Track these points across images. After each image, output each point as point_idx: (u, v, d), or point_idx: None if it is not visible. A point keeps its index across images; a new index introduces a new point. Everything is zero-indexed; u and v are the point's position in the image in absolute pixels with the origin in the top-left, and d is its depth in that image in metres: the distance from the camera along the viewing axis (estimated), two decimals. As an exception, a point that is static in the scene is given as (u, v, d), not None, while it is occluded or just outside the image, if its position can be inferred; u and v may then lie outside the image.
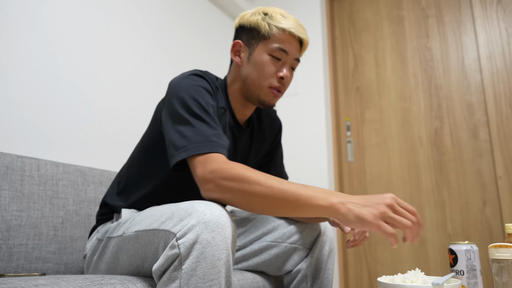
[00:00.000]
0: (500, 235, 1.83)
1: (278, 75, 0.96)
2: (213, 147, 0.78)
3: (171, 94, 0.88)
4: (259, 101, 0.98)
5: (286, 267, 1.05)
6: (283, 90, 1.00)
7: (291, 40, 0.97)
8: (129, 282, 0.71)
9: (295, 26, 0.96)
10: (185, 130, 0.80)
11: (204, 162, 0.76)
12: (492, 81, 1.98)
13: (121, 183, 1.01)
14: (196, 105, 0.84)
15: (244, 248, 1.07)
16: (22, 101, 1.31)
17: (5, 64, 1.28)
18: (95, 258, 0.92)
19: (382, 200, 0.70)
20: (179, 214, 0.68)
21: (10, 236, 1.06)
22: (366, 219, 0.68)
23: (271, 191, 0.72)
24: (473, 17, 2.09)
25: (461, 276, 0.87)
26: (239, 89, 1.01)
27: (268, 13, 0.97)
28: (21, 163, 1.13)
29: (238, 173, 0.73)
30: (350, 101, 2.37)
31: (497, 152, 1.90)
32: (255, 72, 0.96)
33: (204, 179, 0.75)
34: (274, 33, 0.95)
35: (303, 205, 0.72)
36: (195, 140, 0.78)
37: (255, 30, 0.97)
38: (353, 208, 0.70)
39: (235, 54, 1.01)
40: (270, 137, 1.17)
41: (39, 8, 1.41)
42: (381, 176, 2.18)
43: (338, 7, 2.53)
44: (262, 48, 0.96)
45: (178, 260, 0.63)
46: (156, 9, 1.97)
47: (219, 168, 0.74)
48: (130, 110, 1.73)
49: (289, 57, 0.97)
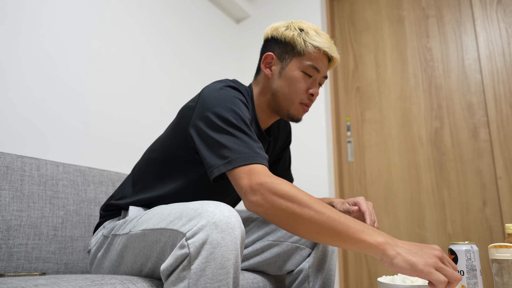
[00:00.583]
0: (500, 235, 1.83)
1: (309, 92, 0.99)
2: (258, 158, 0.78)
3: (206, 106, 0.86)
4: (289, 115, 1.01)
5: (288, 267, 1.05)
6: (310, 106, 1.03)
7: (323, 59, 0.99)
8: (130, 282, 0.71)
9: (328, 45, 0.98)
10: (228, 141, 0.79)
11: (250, 173, 0.75)
12: (492, 81, 1.98)
13: (138, 184, 0.98)
14: (235, 117, 0.83)
15: (246, 248, 1.07)
16: (22, 102, 1.31)
17: (5, 64, 1.28)
18: (99, 254, 0.92)
19: (432, 251, 0.68)
20: (188, 214, 0.68)
21: (10, 236, 1.06)
22: (417, 265, 0.66)
23: (320, 217, 0.71)
24: (473, 17, 2.09)
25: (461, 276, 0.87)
26: (267, 100, 1.02)
27: (304, 29, 0.98)
28: (21, 163, 1.13)
29: (289, 191, 0.72)
30: (350, 101, 2.37)
31: (497, 152, 1.90)
32: (287, 87, 0.98)
33: (251, 190, 0.74)
34: (310, 50, 0.97)
35: (350, 238, 0.70)
36: (240, 151, 0.77)
37: (289, 45, 0.99)
38: (402, 253, 0.68)
39: (266, 66, 1.02)
40: (282, 140, 1.19)
41: (39, 8, 1.41)
42: (381, 176, 2.18)
43: (338, 7, 2.53)
44: (295, 64, 0.98)
45: (187, 260, 0.63)
46: (156, 10, 1.97)
47: (269, 181, 0.73)
48: (130, 110, 1.73)
49: (319, 75, 1.00)
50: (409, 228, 2.05)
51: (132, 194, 0.97)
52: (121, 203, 0.97)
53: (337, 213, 0.72)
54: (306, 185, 2.19)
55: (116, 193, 1.02)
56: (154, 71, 1.89)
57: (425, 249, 0.68)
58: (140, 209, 0.93)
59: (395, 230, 2.08)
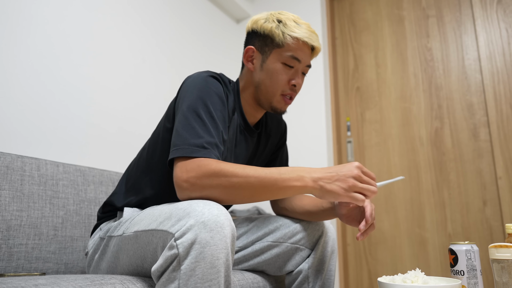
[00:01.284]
0: (500, 235, 1.83)
1: (291, 83, 0.99)
2: (205, 153, 0.78)
3: (183, 92, 0.89)
4: (271, 107, 1.01)
5: (287, 267, 1.04)
6: (294, 96, 1.02)
7: (304, 48, 0.98)
8: (129, 282, 0.71)
9: (308, 34, 0.98)
10: (184, 130, 0.81)
11: (186, 163, 0.77)
12: (492, 81, 1.97)
13: (129, 181, 1.00)
14: (203, 108, 0.85)
15: (245, 249, 1.07)
16: (22, 101, 1.31)
17: (6, 64, 1.28)
18: (96, 256, 0.92)
19: (349, 172, 0.78)
20: (177, 214, 0.67)
21: (10, 236, 1.06)
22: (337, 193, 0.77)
23: (247, 180, 0.76)
24: (473, 17, 2.09)
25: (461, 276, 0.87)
26: (251, 94, 1.03)
27: (282, 21, 0.98)
28: (21, 163, 1.13)
29: (215, 169, 0.75)
30: (350, 101, 2.37)
31: (497, 152, 1.90)
32: (268, 79, 0.98)
33: (179, 179, 0.76)
34: (288, 42, 0.96)
35: (280, 189, 0.77)
36: (189, 143, 0.79)
37: (268, 38, 0.99)
38: (324, 185, 0.78)
39: (248, 60, 1.03)
40: (275, 138, 1.18)
41: (40, 9, 1.41)
42: (382, 176, 2.18)
43: (338, 7, 2.53)
44: (275, 56, 0.98)
45: (177, 261, 0.63)
46: (156, 10, 1.97)
47: (196, 166, 0.75)
48: (130, 110, 1.73)
49: (301, 65, 0.99)
50: (409, 228, 2.05)
51: (125, 192, 0.99)
52: (114, 201, 0.98)
53: (262, 170, 0.77)
54: (306, 185, 2.19)
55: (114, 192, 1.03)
56: (154, 71, 1.89)
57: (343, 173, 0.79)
58: (135, 210, 0.93)
59: (395, 230, 2.08)
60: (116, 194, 1.00)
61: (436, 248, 1.96)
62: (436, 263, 1.95)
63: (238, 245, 1.08)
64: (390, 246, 2.08)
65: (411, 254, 2.02)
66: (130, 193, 0.98)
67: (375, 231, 2.14)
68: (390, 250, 2.08)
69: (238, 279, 0.96)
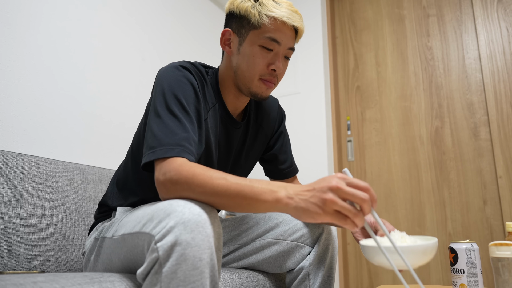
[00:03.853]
0: (500, 234, 1.83)
1: (270, 67, 0.91)
2: (179, 151, 0.75)
3: (155, 86, 0.85)
4: (251, 93, 0.94)
5: (288, 265, 1.04)
6: (277, 81, 0.94)
7: (284, 29, 0.89)
8: (128, 279, 0.71)
9: (287, 14, 0.89)
10: (158, 130, 0.77)
11: (162, 165, 0.73)
12: (492, 80, 1.97)
13: (119, 181, 0.99)
14: (175, 102, 0.80)
15: (245, 246, 1.06)
16: (22, 99, 1.31)
17: (5, 62, 1.28)
18: (92, 257, 0.91)
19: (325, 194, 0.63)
20: (158, 215, 0.65)
21: (9, 234, 1.05)
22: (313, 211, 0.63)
23: (215, 191, 0.69)
24: (474, 16, 2.08)
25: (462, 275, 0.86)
26: (231, 80, 0.96)
27: (259, 0, 0.90)
28: (21, 161, 1.13)
29: (187, 175, 0.70)
30: (351, 100, 2.36)
31: (498, 152, 1.89)
32: (245, 63, 0.91)
33: (158, 182, 0.73)
34: (265, 22, 0.88)
35: (250, 203, 0.68)
36: (164, 143, 0.75)
37: (244, 18, 0.90)
38: (299, 202, 0.65)
39: (225, 44, 0.95)
40: (269, 129, 1.12)
41: (40, 7, 1.41)
42: (382, 176, 2.17)
43: (339, 6, 2.53)
44: (252, 38, 0.90)
45: (158, 264, 0.61)
46: (156, 9, 1.96)
47: (171, 169, 0.72)
48: (130, 108, 1.73)
49: (281, 47, 0.91)
50: (410, 227, 2.04)
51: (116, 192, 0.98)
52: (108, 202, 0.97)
53: (233, 181, 0.69)
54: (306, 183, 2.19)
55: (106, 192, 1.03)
56: (154, 70, 1.89)
57: (320, 186, 0.64)
58: (127, 209, 0.92)
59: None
60: (108, 195, 0.99)
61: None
62: (436, 262, 1.95)
63: (238, 242, 1.07)
64: (390, 245, 2.08)
65: (411, 253, 2.02)
66: (122, 193, 0.97)
67: (375, 230, 2.14)
68: (390, 249, 2.07)
69: (238, 278, 0.95)
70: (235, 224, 1.10)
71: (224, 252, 1.07)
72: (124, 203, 0.95)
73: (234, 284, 0.92)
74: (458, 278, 0.88)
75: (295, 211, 0.65)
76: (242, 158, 1.09)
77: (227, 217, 1.35)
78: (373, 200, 0.64)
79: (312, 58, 2.35)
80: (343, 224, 0.63)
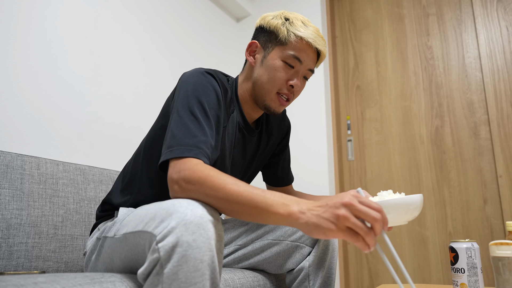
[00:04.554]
0: (501, 234, 1.83)
1: (289, 83, 0.95)
2: (197, 153, 0.76)
3: (179, 89, 0.88)
4: (265, 106, 0.98)
5: (288, 265, 1.04)
6: (292, 99, 0.99)
7: (308, 50, 0.95)
8: (129, 280, 0.71)
9: (313, 36, 0.95)
10: (178, 130, 0.80)
11: (177, 163, 0.75)
12: (492, 80, 1.97)
13: (125, 179, 1.00)
14: (198, 106, 0.83)
15: (245, 247, 1.07)
16: (22, 100, 1.31)
17: (5, 63, 1.28)
18: (93, 257, 0.92)
19: (337, 210, 0.63)
20: (160, 214, 0.66)
21: (10, 234, 1.06)
22: (324, 228, 0.63)
23: (228, 198, 0.69)
24: (474, 16, 2.08)
25: (462, 274, 0.87)
26: (249, 89, 1.00)
27: (290, 19, 0.96)
28: (21, 162, 1.13)
29: (201, 176, 0.71)
30: (351, 100, 2.36)
31: (498, 151, 1.89)
32: (266, 75, 0.95)
33: (171, 180, 0.74)
34: (292, 40, 0.94)
35: (260, 213, 0.68)
36: (183, 143, 0.77)
37: (273, 34, 0.97)
38: (310, 218, 0.65)
39: (250, 54, 1.01)
40: (277, 137, 1.16)
41: (39, 8, 1.41)
42: (382, 175, 2.17)
43: (339, 5, 2.53)
44: (277, 52, 0.95)
45: (159, 264, 0.61)
46: (155, 9, 1.96)
47: (186, 168, 0.73)
48: (130, 108, 1.73)
49: (302, 67, 0.96)
50: (410, 226, 2.04)
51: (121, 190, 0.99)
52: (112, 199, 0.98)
53: (248, 190, 0.70)
54: (306, 184, 2.19)
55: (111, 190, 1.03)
56: (153, 70, 1.89)
57: (332, 209, 0.64)
58: (130, 209, 0.92)
59: (396, 229, 2.08)
60: (113, 192, 1.00)
61: (437, 246, 1.96)
62: (436, 262, 1.95)
63: (237, 243, 1.08)
64: (390, 245, 2.08)
65: (411, 253, 2.02)
66: (127, 191, 0.97)
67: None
68: (391, 249, 2.07)
69: (238, 278, 0.95)
70: (235, 226, 1.10)
71: (224, 253, 1.07)
72: (129, 201, 0.96)
73: (234, 284, 0.92)
74: (458, 278, 0.88)
75: (306, 226, 0.65)
76: (253, 165, 1.12)
77: (227, 217, 1.35)
78: (384, 222, 0.64)
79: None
80: (354, 241, 0.63)
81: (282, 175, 1.20)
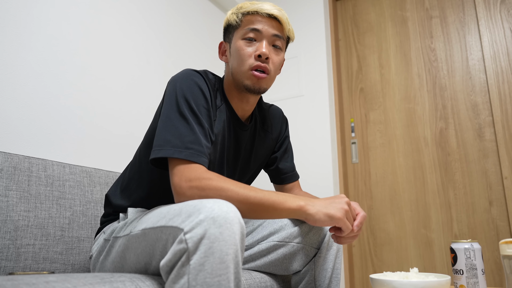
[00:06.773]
0: (507, 235, 1.82)
1: (256, 54, 0.95)
2: (191, 155, 0.80)
3: (166, 91, 0.91)
4: (245, 86, 0.97)
5: (294, 267, 1.04)
6: (268, 70, 0.97)
7: (260, 18, 0.97)
8: (139, 279, 0.71)
9: (259, 5, 0.97)
10: (166, 130, 0.82)
11: (183, 170, 0.78)
12: (496, 81, 1.97)
13: (124, 181, 1.02)
14: (185, 105, 0.85)
15: (251, 248, 1.06)
16: (28, 103, 1.32)
17: (13, 66, 1.29)
18: (101, 258, 0.92)
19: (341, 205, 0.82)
20: (187, 210, 0.67)
21: (17, 236, 1.06)
22: (335, 215, 0.81)
23: (248, 199, 0.79)
24: (477, 18, 2.09)
25: (461, 276, 0.84)
26: (231, 82, 1.02)
27: (238, 6, 1.00)
28: (28, 164, 1.13)
29: (216, 185, 0.77)
30: (354, 102, 2.37)
31: (503, 152, 1.89)
32: (235, 60, 0.98)
33: (180, 188, 0.78)
34: (242, 19, 0.98)
35: (276, 209, 0.81)
36: (173, 144, 0.80)
37: (229, 26, 1.01)
38: (321, 209, 0.81)
39: (222, 54, 1.05)
40: (275, 133, 1.17)
41: (45, 10, 1.42)
42: (386, 177, 2.17)
43: (342, 8, 2.54)
44: (236, 37, 0.99)
45: (186, 255, 0.62)
46: (160, 12, 1.98)
47: (197, 177, 0.77)
48: (136, 111, 1.73)
49: (264, 34, 0.96)
50: (415, 229, 2.04)
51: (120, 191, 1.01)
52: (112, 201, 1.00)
53: (261, 192, 0.81)
54: (310, 186, 2.19)
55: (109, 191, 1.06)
56: (159, 73, 1.89)
57: (336, 202, 0.83)
58: (140, 210, 0.94)
59: (401, 231, 2.08)
60: (110, 196, 1.02)
61: (442, 248, 1.95)
62: (442, 264, 1.94)
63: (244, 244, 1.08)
64: (395, 247, 2.07)
65: (416, 255, 2.01)
66: (124, 194, 1.00)
67: (380, 232, 2.13)
68: (396, 251, 2.07)
69: (245, 279, 0.95)
70: None
71: None
72: (127, 203, 0.98)
73: (242, 284, 0.92)
74: (458, 279, 0.85)
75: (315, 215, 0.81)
76: (251, 162, 1.12)
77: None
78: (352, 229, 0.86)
79: (316, 60, 2.35)
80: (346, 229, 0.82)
81: (287, 171, 1.21)
